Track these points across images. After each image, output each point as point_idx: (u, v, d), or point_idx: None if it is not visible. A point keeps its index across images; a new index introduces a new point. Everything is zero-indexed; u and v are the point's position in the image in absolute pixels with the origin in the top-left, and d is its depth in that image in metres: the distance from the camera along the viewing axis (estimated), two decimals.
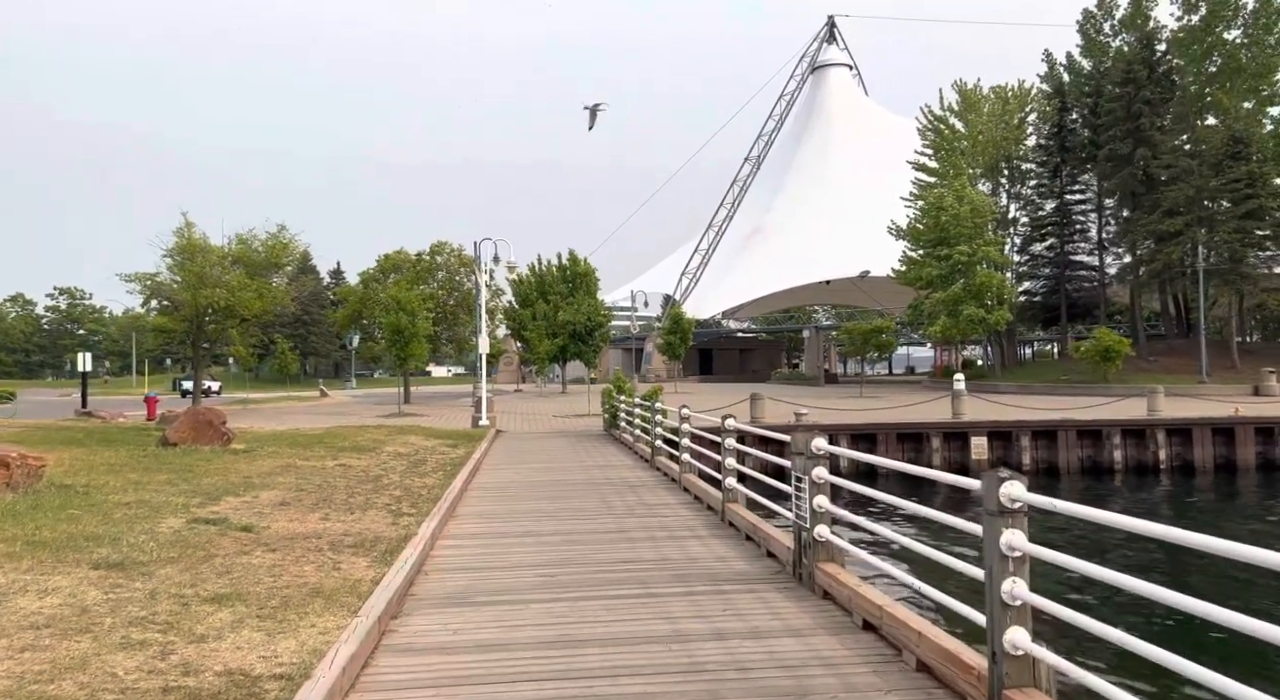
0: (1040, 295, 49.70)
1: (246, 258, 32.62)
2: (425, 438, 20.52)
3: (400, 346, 30.26)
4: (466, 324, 38.25)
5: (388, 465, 14.90)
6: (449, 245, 40.31)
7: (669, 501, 11.52)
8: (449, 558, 8.08)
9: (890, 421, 26.58)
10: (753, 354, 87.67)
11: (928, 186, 47.65)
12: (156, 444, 15.26)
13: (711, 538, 8.93)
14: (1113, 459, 25.58)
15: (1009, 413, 27.21)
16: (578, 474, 14.88)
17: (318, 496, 10.77)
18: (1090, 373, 39.44)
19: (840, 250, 69.93)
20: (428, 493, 11.60)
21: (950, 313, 40.59)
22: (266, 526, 8.56)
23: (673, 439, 14.86)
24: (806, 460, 6.76)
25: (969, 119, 47.79)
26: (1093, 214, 48.09)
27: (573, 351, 45.49)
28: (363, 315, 37.20)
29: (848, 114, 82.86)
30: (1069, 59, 50.98)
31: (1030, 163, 49.00)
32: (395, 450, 17.54)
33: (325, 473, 13.29)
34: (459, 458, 16.57)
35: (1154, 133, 41.05)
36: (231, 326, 31.25)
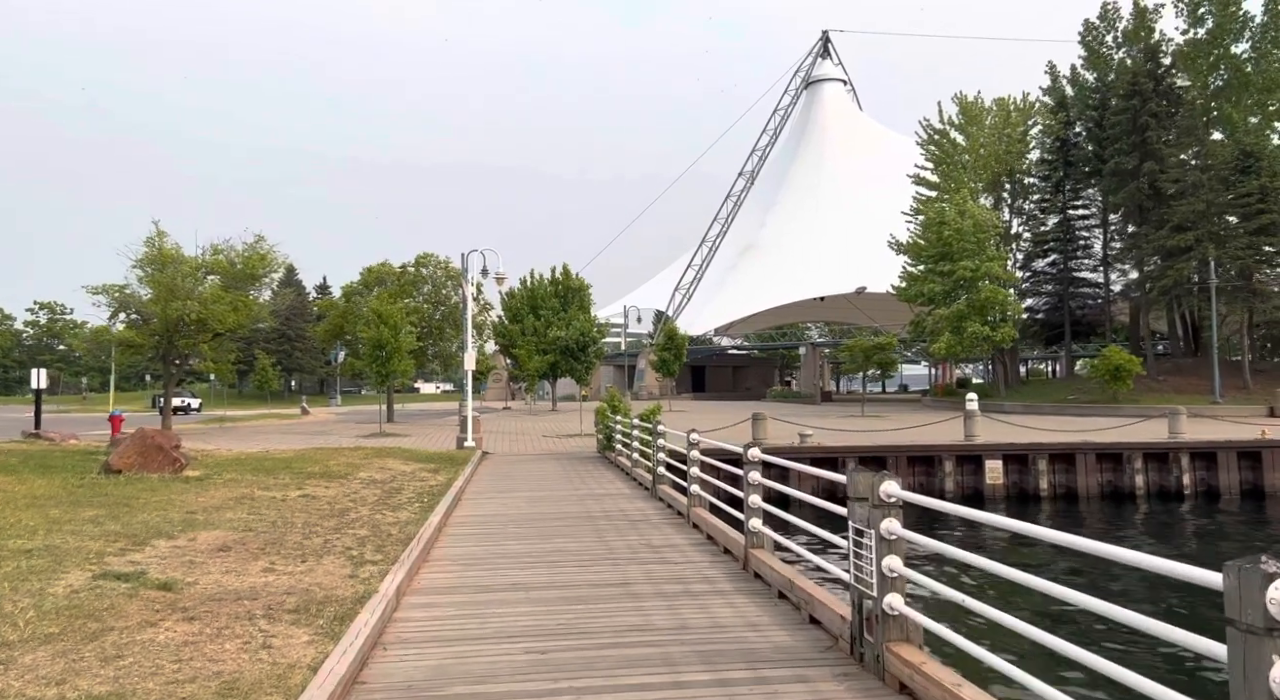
0: (1043, 312, 48.52)
1: (222, 269, 31.01)
2: (404, 461, 18.92)
3: (381, 362, 28.66)
4: (453, 339, 36.69)
5: (358, 495, 13.31)
6: (435, 257, 38.82)
7: (677, 543, 9.99)
8: (416, 624, 6.52)
9: (900, 443, 25.17)
10: (746, 371, 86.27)
11: (928, 201, 46.52)
12: (98, 471, 13.64)
13: (736, 594, 7.41)
14: (1134, 484, 24.25)
15: (1024, 435, 25.83)
16: (571, 505, 13.33)
17: (268, 538, 9.19)
18: (1098, 392, 38.16)
19: (835, 266, 68.84)
20: (399, 531, 10.03)
21: (954, 330, 39.29)
22: (193, 582, 6.98)
23: (678, 466, 13.36)
24: (873, 509, 5.26)
25: (970, 132, 46.74)
26: (1097, 229, 47.03)
27: (564, 368, 43.94)
28: (345, 330, 35.56)
29: (842, 129, 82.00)
30: (1072, 71, 50.13)
31: (1033, 177, 47.95)
32: (369, 476, 15.94)
33: (285, 506, 11.69)
34: (439, 486, 14.98)
35: (1161, 146, 40.02)
36: (203, 341, 29.56)
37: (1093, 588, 11.90)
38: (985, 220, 40.46)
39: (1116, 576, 13.21)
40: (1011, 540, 16.44)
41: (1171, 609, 11.81)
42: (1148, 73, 41.74)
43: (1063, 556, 14.72)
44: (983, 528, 18.14)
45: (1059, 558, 14.87)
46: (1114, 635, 9.61)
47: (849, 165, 77.27)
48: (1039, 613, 10.54)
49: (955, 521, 18.30)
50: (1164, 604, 11.94)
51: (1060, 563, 14.65)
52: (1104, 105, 44.76)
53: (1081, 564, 14.22)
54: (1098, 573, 13.47)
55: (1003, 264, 41.32)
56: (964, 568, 12.42)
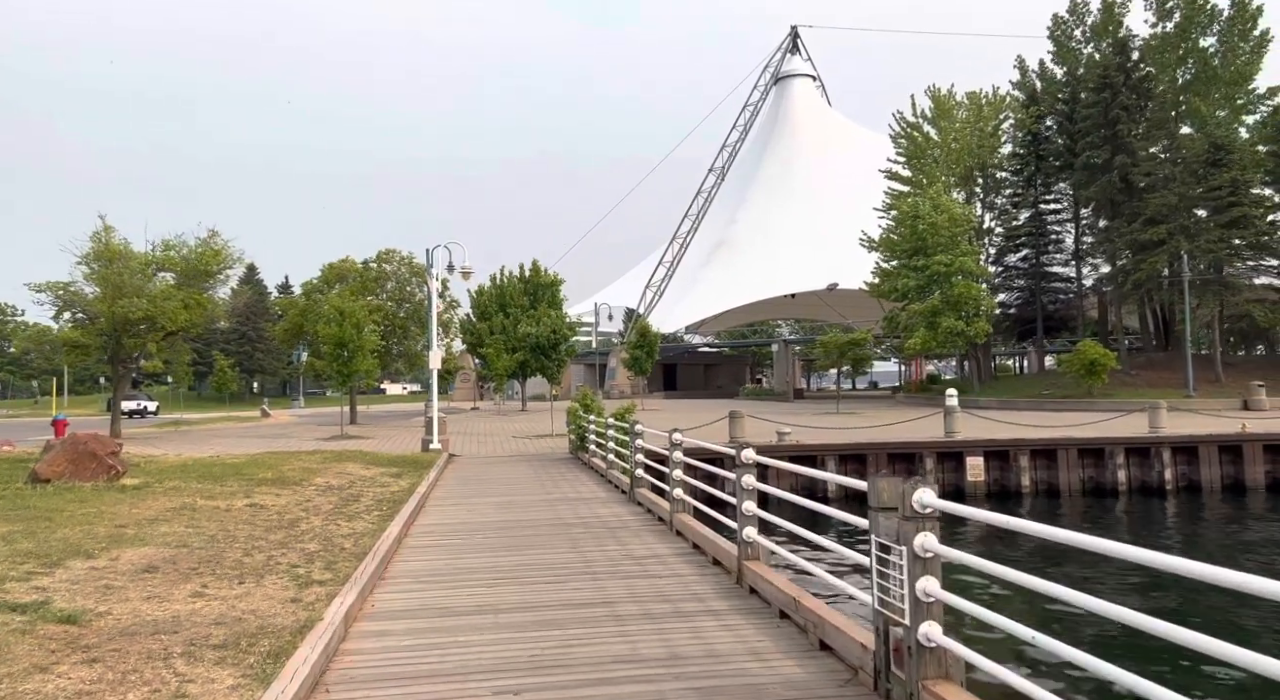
0: (1015, 307, 48.39)
1: (173, 265, 29.63)
2: (365, 465, 17.88)
3: (343, 362, 27.46)
4: (418, 337, 35.51)
5: (312, 503, 12.31)
6: (398, 253, 37.54)
7: (661, 552, 9.14)
8: (366, 658, 5.61)
9: (879, 441, 24.61)
10: (718, 369, 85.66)
11: (900, 196, 46.16)
12: (25, 481, 12.49)
13: (732, 613, 6.58)
14: (1116, 479, 23.94)
15: (1004, 430, 25.37)
16: (543, 510, 12.44)
17: (203, 555, 8.20)
18: (1073, 387, 37.97)
19: (805, 263, 68.47)
20: (353, 545, 9.08)
21: (929, 325, 38.87)
22: (104, 613, 6.00)
23: (657, 468, 12.52)
24: (903, 521, 4.45)
25: (942, 126, 46.44)
26: (1069, 224, 46.97)
27: (534, 367, 42.88)
28: (305, 329, 34.24)
29: (812, 125, 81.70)
30: (1041, 66, 50.03)
31: (1005, 171, 47.77)
32: (326, 482, 14.90)
33: (228, 517, 10.67)
34: (401, 491, 14.00)
35: (1132, 140, 39.94)
36: (153, 340, 28.17)
37: (1175, 613, 10.49)
38: (959, 214, 40.13)
39: (1195, 592, 11.43)
40: (1046, 549, 14.50)
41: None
42: (1118, 66, 41.66)
43: (1112, 571, 12.91)
44: (1010, 535, 17.50)
45: (1107, 572, 13.00)
46: (1216, 670, 8.40)
47: (819, 161, 76.97)
48: (1102, 641, 9.56)
49: (972, 526, 17.62)
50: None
51: (1111, 579, 12.74)
52: (1074, 99, 44.67)
53: (1147, 579, 12.39)
54: (1177, 592, 11.80)
55: (976, 258, 41.02)
56: (990, 580, 11.53)
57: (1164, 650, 8.05)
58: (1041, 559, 14.41)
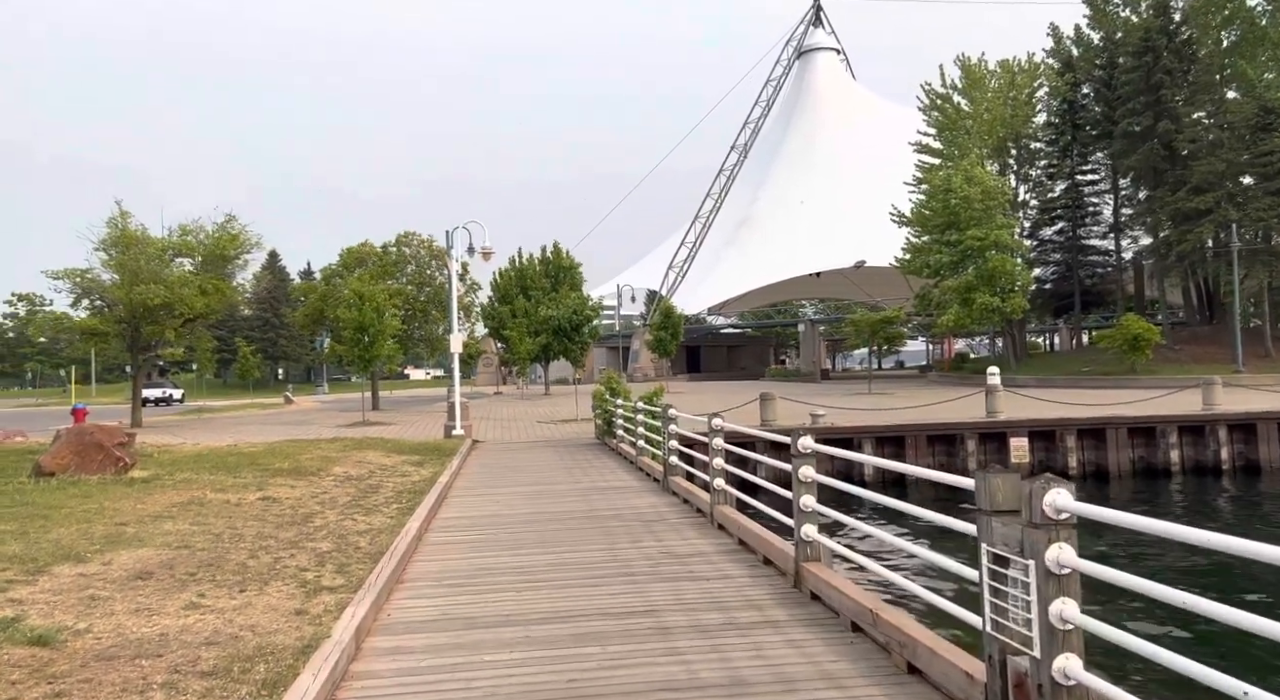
0: (1050, 282, 46.94)
1: (190, 250, 29.13)
2: (386, 453, 17.22)
3: (364, 347, 26.85)
4: (439, 321, 34.85)
5: (328, 496, 11.62)
6: (418, 236, 36.80)
7: (704, 549, 8.34)
8: (379, 684, 4.85)
9: (918, 422, 23.66)
10: (741, 351, 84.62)
11: (931, 169, 44.77)
12: (29, 474, 11.90)
13: (795, 625, 5.75)
14: (1169, 459, 22.81)
15: (1049, 409, 24.29)
16: (573, 501, 11.67)
17: (205, 557, 7.49)
18: (1114, 364, 36.66)
19: (831, 241, 67.15)
20: (368, 543, 8.35)
21: (963, 301, 37.65)
22: (84, 630, 5.29)
23: (693, 456, 11.72)
24: (1030, 530, 3.59)
25: (973, 96, 44.91)
26: (1106, 195, 45.38)
27: (557, 350, 42.14)
28: (325, 314, 33.70)
29: (836, 99, 79.97)
30: (1076, 32, 48.26)
31: (1039, 141, 46.19)
32: (344, 472, 14.24)
33: (238, 512, 9.99)
34: (422, 481, 13.30)
35: (1175, 105, 38.31)
36: (171, 327, 27.69)
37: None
38: (993, 187, 38.76)
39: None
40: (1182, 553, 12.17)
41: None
42: (1159, 28, 39.95)
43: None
44: (1113, 530, 16.20)
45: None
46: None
47: (844, 136, 75.33)
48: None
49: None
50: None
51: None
52: (1113, 64, 42.99)
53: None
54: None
55: (1011, 232, 39.67)
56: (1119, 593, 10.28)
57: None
58: (1179, 564, 12.19)
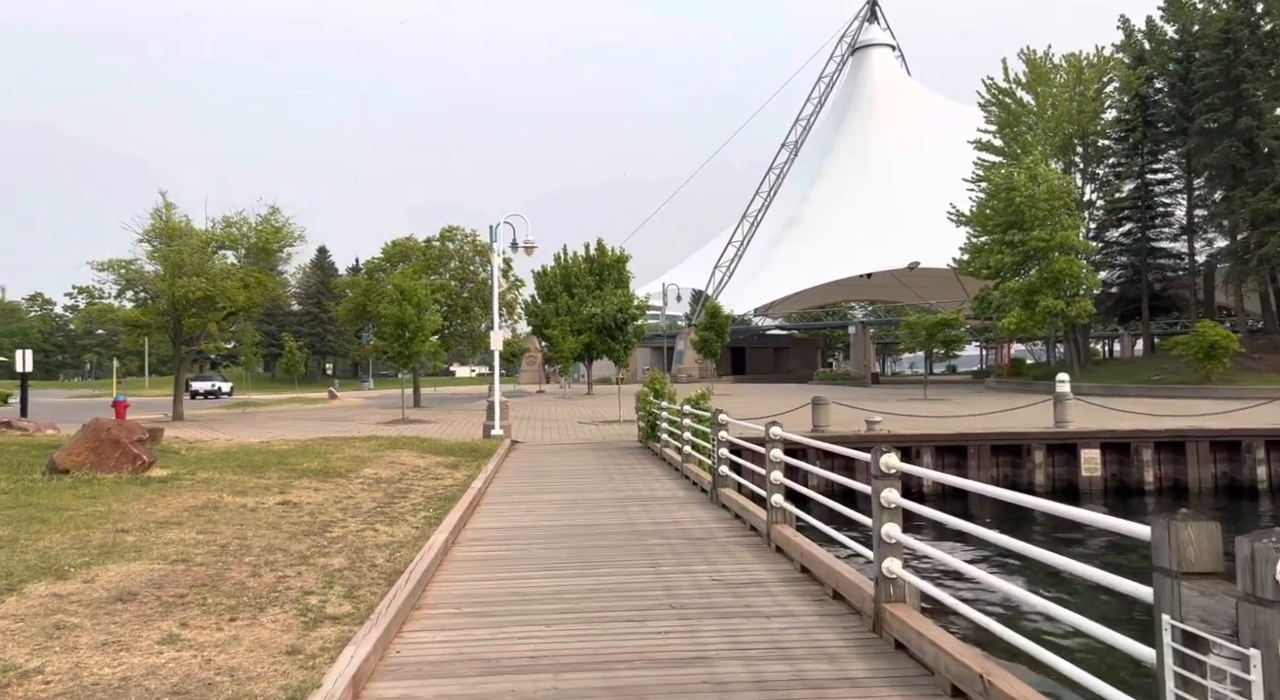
0: (1117, 286, 44.79)
1: (234, 242, 28.86)
2: (420, 454, 16.48)
3: (404, 343, 26.26)
4: (481, 317, 34.24)
5: (353, 501, 10.84)
6: (461, 230, 36.22)
7: (761, 577, 7.32)
8: None
9: (981, 431, 22.32)
10: (787, 353, 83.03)
11: (993, 167, 43.00)
12: (43, 471, 11.33)
13: (878, 683, 4.73)
14: (1255, 476, 21.13)
15: (1121, 420, 22.76)
16: (612, 513, 10.74)
17: (202, 573, 6.70)
18: (1187, 372, 34.67)
19: (883, 241, 65.35)
20: (386, 559, 7.50)
21: (1025, 304, 35.94)
22: (35, 670, 4.48)
23: (746, 466, 10.72)
24: (1255, 608, 2.56)
25: (1038, 91, 43.01)
26: (1179, 195, 43.14)
27: (600, 349, 41.31)
28: (368, 308, 33.30)
29: (891, 96, 77.96)
30: (1149, 25, 46.00)
31: (1107, 139, 44.10)
32: (375, 474, 13.49)
33: (252, 518, 9.24)
34: (455, 486, 12.48)
35: (1258, 99, 36.12)
36: (212, 320, 27.42)
37: None
38: (1059, 186, 36.95)
39: None
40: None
41: None
42: (1241, 19, 37.76)
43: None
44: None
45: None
46: None
47: (899, 134, 73.37)
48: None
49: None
50: None
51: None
52: (1189, 58, 40.82)
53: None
54: None
55: (1077, 233, 37.81)
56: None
57: None
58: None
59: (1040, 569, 8.01)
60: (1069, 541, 15.57)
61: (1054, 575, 10.15)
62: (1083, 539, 14.94)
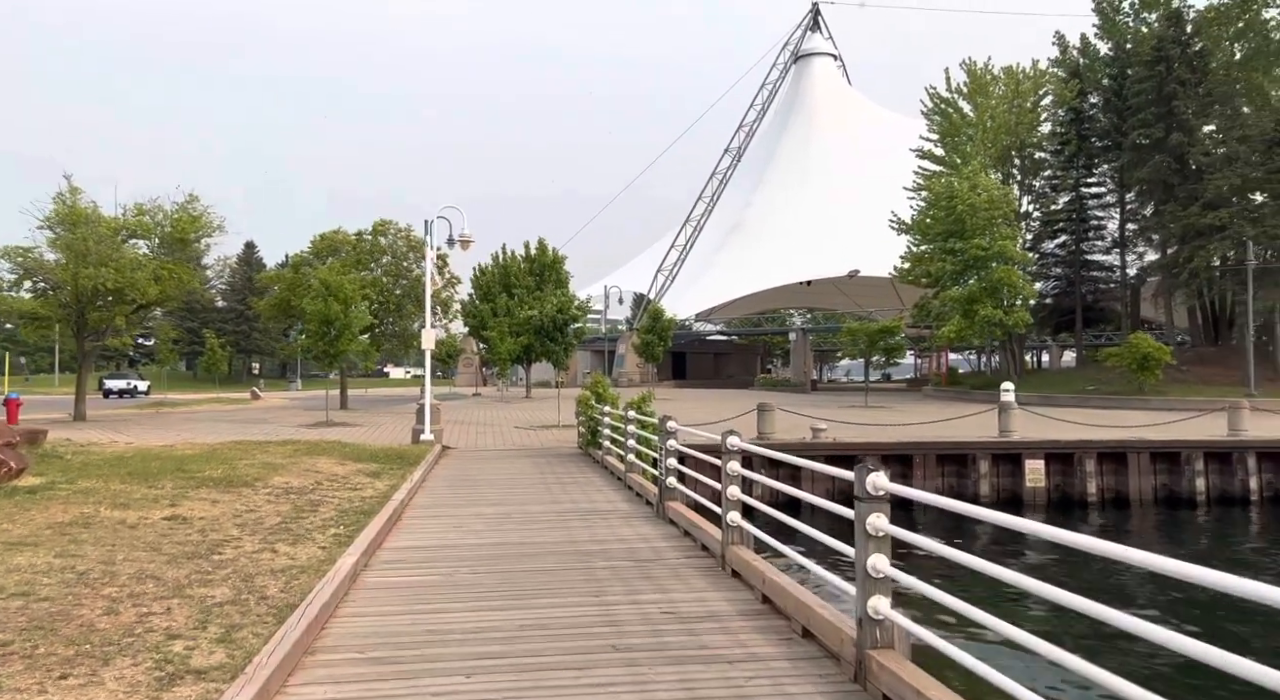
0: (1051, 297, 45.46)
1: (146, 231, 26.96)
2: (340, 461, 15.19)
3: (329, 341, 24.74)
4: (414, 316, 32.77)
5: (254, 515, 9.62)
6: (395, 225, 34.68)
7: (719, 609, 6.42)
8: None
9: (926, 440, 21.95)
10: (728, 358, 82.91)
11: (934, 176, 43.22)
12: None
13: None
14: (1194, 487, 21.19)
15: (1066, 430, 22.61)
16: (552, 529, 9.74)
17: (45, 611, 5.49)
18: (1121, 383, 35.14)
19: (823, 248, 65.58)
20: (281, 588, 6.38)
21: (965, 313, 36.01)
22: None
23: (693, 476, 9.83)
24: None
25: (978, 102, 43.43)
26: (1112, 209, 43.99)
27: (539, 351, 40.14)
28: (293, 304, 31.56)
29: (832, 105, 78.50)
30: (1083, 41, 46.95)
31: (1044, 151, 44.78)
32: (285, 483, 12.22)
33: (130, 537, 7.99)
34: (375, 497, 11.32)
35: (1188, 117, 36.91)
36: (120, 314, 25.49)
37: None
38: (998, 196, 37.19)
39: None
40: None
41: None
42: (1172, 38, 38.60)
43: None
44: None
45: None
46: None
47: (839, 142, 73.85)
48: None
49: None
50: None
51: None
52: (1122, 75, 41.64)
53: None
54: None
55: (1015, 243, 38.12)
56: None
57: None
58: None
59: (1050, 606, 7.14)
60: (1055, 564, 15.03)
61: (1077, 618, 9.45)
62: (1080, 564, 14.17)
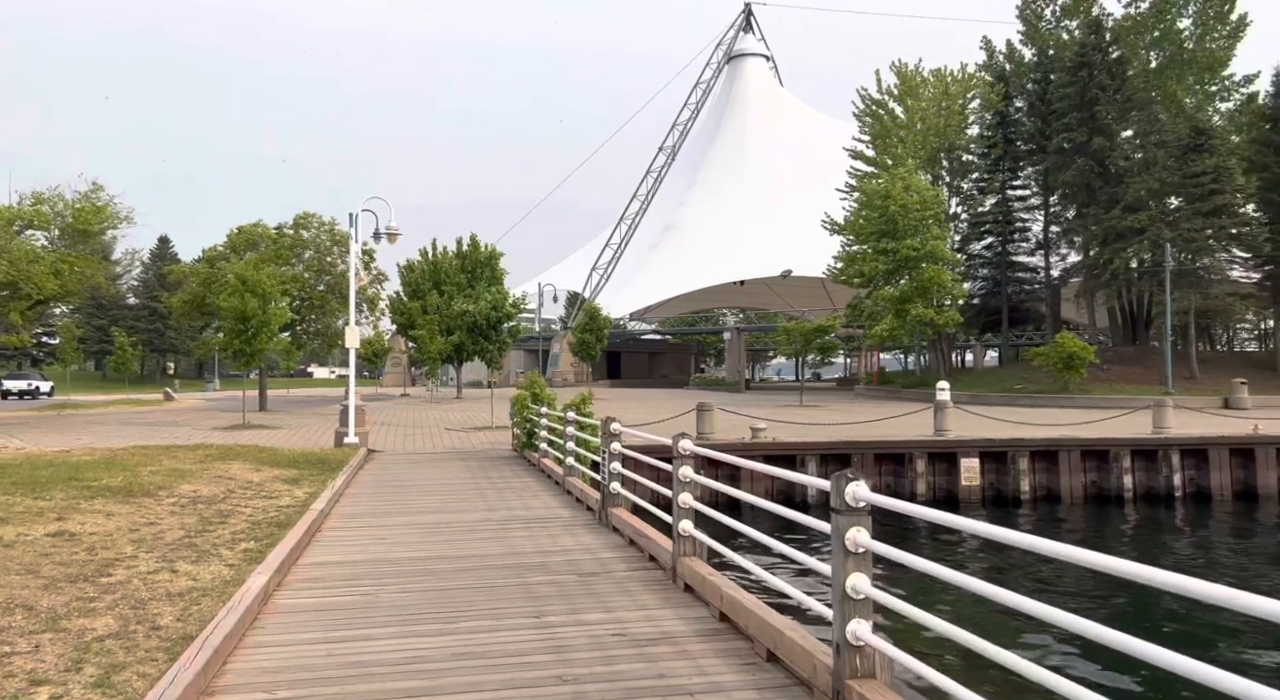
0: (979, 297, 46.38)
1: (44, 222, 25.17)
2: (256, 466, 14.18)
3: (245, 339, 23.39)
4: (338, 313, 31.44)
5: (155, 529, 8.70)
6: (318, 218, 33.20)
7: (673, 629, 5.87)
8: None
9: (864, 439, 21.90)
10: (662, 358, 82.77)
11: (866, 176, 43.62)
12: None
13: None
14: (1121, 485, 21.60)
15: (1000, 429, 22.82)
16: (487, 540, 9.06)
17: None
18: (1047, 382, 35.93)
19: (756, 248, 65.84)
20: (177, 616, 5.59)
21: (898, 312, 36.35)
22: None
23: (639, 481, 9.27)
24: None
25: (908, 104, 44.01)
26: (1036, 211, 45.08)
27: (471, 349, 39.06)
28: (207, 301, 29.90)
29: (764, 106, 78.99)
30: (1009, 47, 48.01)
31: (971, 154, 45.65)
32: (193, 492, 11.23)
33: (4, 556, 7.03)
34: (292, 508, 10.45)
35: (1110, 122, 37.98)
36: (15, 310, 23.69)
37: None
38: (930, 196, 37.67)
39: None
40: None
41: None
42: (1094, 45, 39.71)
43: None
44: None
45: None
46: None
47: (772, 143, 74.34)
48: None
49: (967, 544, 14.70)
50: None
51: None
52: (1046, 80, 42.68)
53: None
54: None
55: (945, 243, 38.68)
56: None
57: None
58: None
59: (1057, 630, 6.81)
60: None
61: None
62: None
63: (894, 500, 4.23)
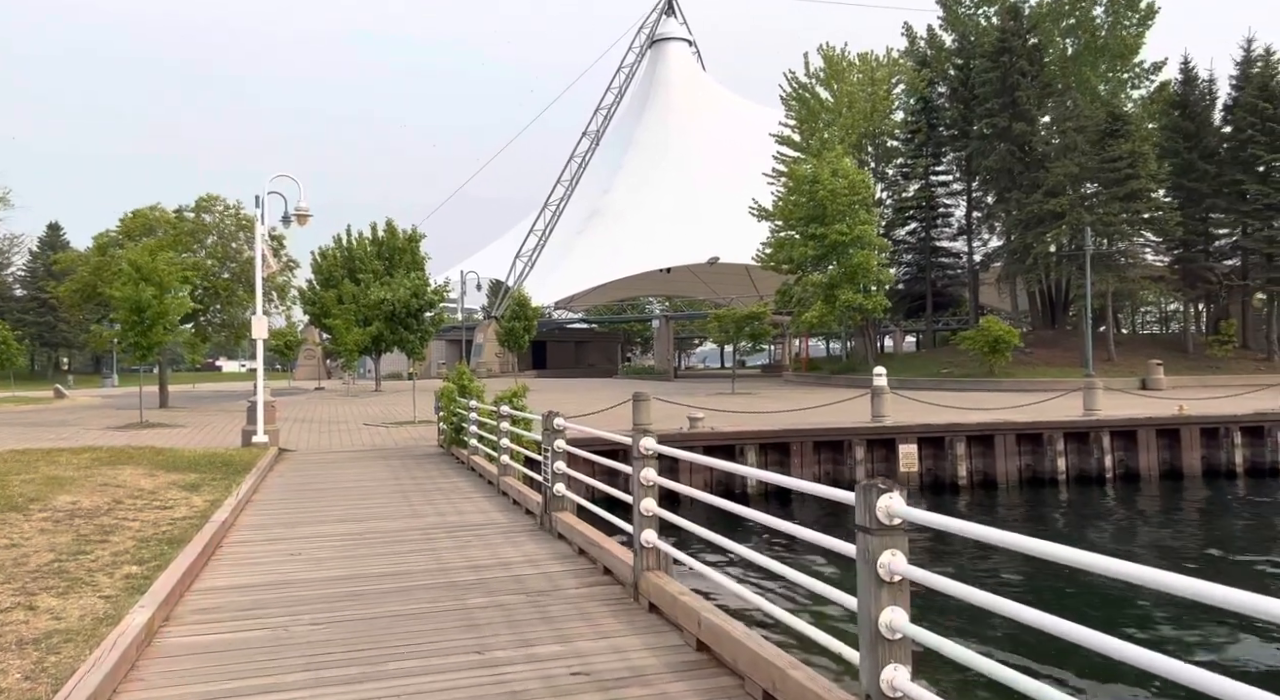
0: (903, 283, 46.78)
1: None
2: (151, 470, 12.69)
3: (141, 331, 21.44)
4: (244, 302, 29.44)
5: (17, 551, 7.35)
6: (222, 201, 30.99)
7: (644, 664, 4.98)
8: None
9: (803, 426, 21.42)
10: (588, 346, 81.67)
11: (794, 161, 43.36)
12: None
13: None
14: (1055, 467, 21.74)
15: (937, 414, 22.66)
16: (415, 553, 8.00)
17: None
18: (973, 366, 36.33)
19: (682, 236, 65.31)
20: (29, 672, 4.43)
21: (826, 298, 36.20)
22: None
23: (585, 481, 8.35)
24: None
25: (835, 88, 43.91)
26: (959, 197, 45.64)
27: (391, 340, 37.34)
28: (99, 290, 27.56)
29: (687, 91, 78.43)
30: (930, 33, 48.38)
31: (896, 140, 45.90)
32: (72, 503, 9.80)
33: None
34: (191, 517, 9.17)
35: (1030, 107, 38.53)
36: None
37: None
38: (858, 180, 37.59)
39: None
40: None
41: None
42: (1014, 31, 40.23)
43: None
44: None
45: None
46: None
47: (695, 129, 73.86)
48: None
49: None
50: None
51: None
52: (968, 66, 43.11)
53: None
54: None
55: (872, 228, 38.72)
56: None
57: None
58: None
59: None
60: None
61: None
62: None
63: (938, 516, 3.41)
